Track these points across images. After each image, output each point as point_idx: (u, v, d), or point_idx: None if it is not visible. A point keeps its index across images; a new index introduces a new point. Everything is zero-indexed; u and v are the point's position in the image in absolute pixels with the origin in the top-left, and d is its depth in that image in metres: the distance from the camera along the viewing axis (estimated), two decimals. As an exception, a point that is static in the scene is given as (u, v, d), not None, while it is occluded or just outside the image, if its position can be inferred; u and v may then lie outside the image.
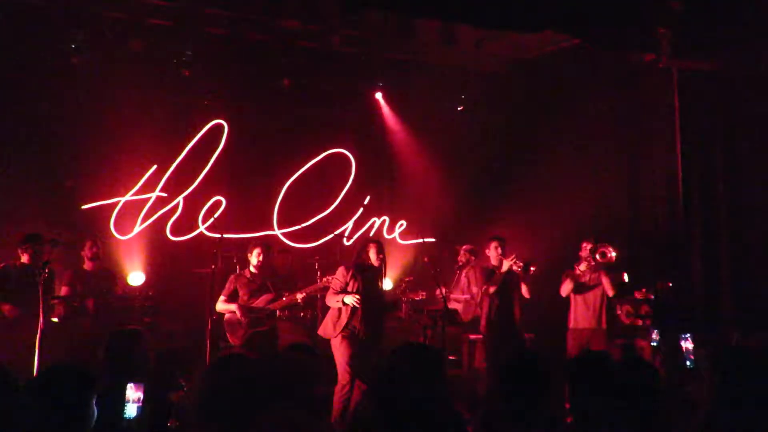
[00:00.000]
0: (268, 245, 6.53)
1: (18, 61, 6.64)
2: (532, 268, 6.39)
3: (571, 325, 6.79)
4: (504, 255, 6.50)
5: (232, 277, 6.22)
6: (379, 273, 5.81)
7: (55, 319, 5.59)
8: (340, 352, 5.49)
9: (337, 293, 5.62)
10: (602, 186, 8.50)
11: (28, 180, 6.74)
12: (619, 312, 7.27)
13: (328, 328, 5.63)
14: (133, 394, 2.58)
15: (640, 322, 7.17)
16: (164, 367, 5.30)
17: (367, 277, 5.71)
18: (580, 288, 6.73)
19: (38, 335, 4.85)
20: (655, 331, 6.91)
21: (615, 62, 7.91)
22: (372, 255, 5.75)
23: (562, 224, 8.00)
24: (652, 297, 7.32)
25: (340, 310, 5.59)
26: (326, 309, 5.97)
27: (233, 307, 6.08)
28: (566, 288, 6.73)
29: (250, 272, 6.24)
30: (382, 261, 5.78)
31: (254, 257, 6.18)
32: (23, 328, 5.18)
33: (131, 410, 2.57)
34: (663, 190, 8.04)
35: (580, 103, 8.28)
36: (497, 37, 7.77)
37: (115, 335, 3.26)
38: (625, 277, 7.48)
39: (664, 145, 7.95)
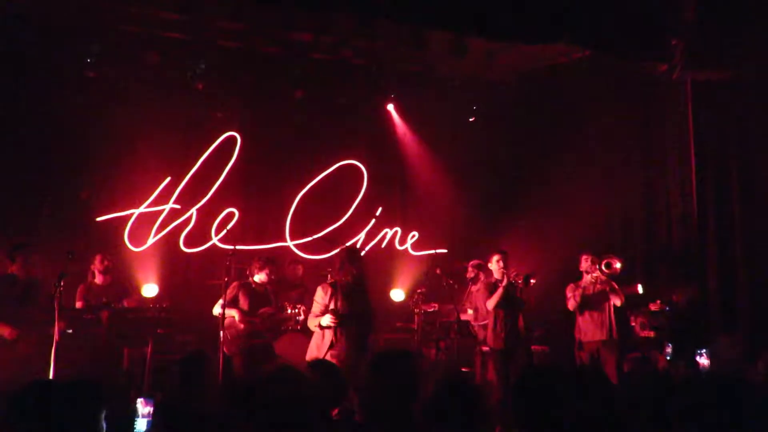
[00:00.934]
0: (272, 260, 6.62)
1: (34, 74, 6.72)
2: (532, 281, 6.38)
3: (580, 337, 6.74)
4: (506, 268, 6.47)
5: (235, 283, 6.28)
6: (358, 286, 5.43)
7: (69, 331, 5.59)
8: None
9: (316, 316, 5.34)
10: (614, 197, 8.46)
11: (43, 192, 6.81)
12: (633, 324, 7.21)
13: (313, 352, 5.35)
14: (143, 408, 2.59)
15: (654, 334, 7.11)
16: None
17: (346, 293, 5.35)
18: (586, 300, 6.67)
19: (53, 348, 4.90)
20: (670, 344, 6.88)
21: (627, 73, 7.88)
22: (346, 268, 5.41)
23: (575, 236, 7.94)
24: (667, 309, 7.27)
25: (324, 332, 5.31)
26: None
27: (234, 312, 6.13)
28: (572, 302, 6.70)
29: (255, 282, 6.30)
30: (358, 271, 5.40)
31: (263, 275, 6.33)
32: (21, 343, 5.21)
33: (141, 425, 2.58)
34: (677, 201, 7.99)
35: (592, 114, 8.25)
36: (509, 49, 7.77)
37: (187, 360, 3.23)
38: (640, 289, 7.43)
39: (677, 156, 7.91)
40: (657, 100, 8.13)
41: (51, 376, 4.62)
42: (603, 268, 6.64)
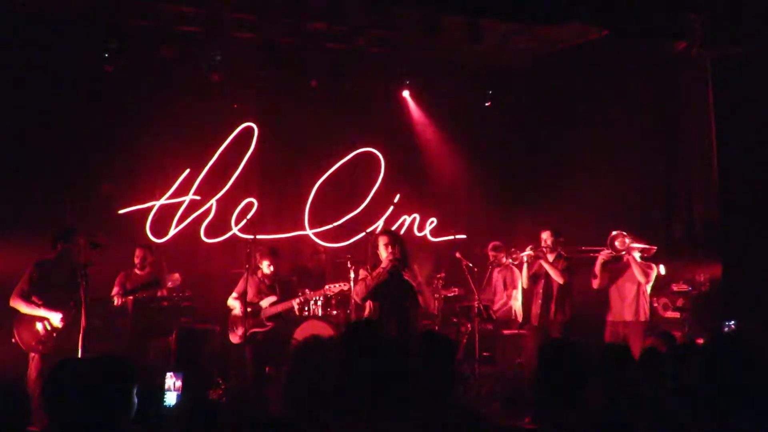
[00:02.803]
0: (275, 251, 6.68)
1: (53, 69, 6.81)
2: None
3: (608, 317, 6.66)
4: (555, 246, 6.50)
5: (245, 274, 6.35)
6: (397, 268, 5.44)
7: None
8: None
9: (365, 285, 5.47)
10: (634, 178, 8.38)
11: (66, 185, 6.90)
12: (656, 305, 7.14)
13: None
14: (172, 383, 2.63)
15: (678, 315, 7.04)
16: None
17: (387, 278, 5.42)
18: (612, 278, 6.55)
19: (81, 336, 4.98)
20: (688, 324, 6.81)
21: (644, 53, 7.80)
22: (381, 251, 5.49)
23: (594, 218, 7.90)
24: (690, 289, 7.19)
25: (365, 305, 5.53)
26: (359, 309, 6.01)
27: (237, 303, 6.29)
28: (595, 281, 6.57)
29: (263, 273, 6.42)
30: (399, 253, 5.43)
31: (265, 268, 6.43)
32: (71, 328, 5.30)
33: (171, 398, 2.63)
34: (698, 181, 7.90)
35: (609, 96, 8.17)
36: (523, 32, 7.72)
37: (186, 333, 3.29)
38: (662, 269, 7.36)
39: (697, 135, 7.82)
40: (675, 79, 8.03)
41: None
42: (616, 244, 6.46)
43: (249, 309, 6.16)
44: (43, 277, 5.34)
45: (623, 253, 6.40)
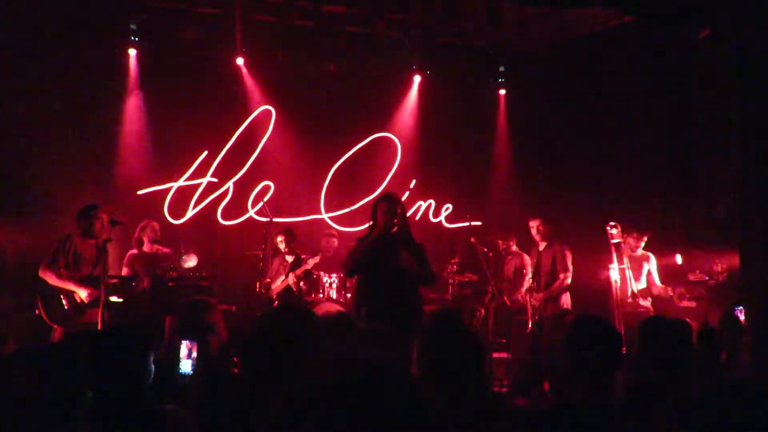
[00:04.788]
0: (290, 230, 6.97)
1: (74, 51, 6.87)
2: None
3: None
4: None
5: (274, 259, 6.71)
6: (395, 238, 4.60)
7: (116, 299, 5.73)
8: None
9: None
10: (652, 168, 8.31)
11: (85, 166, 6.99)
12: (671, 294, 7.10)
13: (352, 310, 4.90)
14: (187, 350, 2.68)
15: (694, 305, 6.99)
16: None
17: (378, 247, 4.59)
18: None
19: (99, 311, 5.07)
20: (705, 314, 6.76)
21: (667, 40, 7.69)
22: (379, 216, 4.61)
23: (610, 207, 7.86)
24: (707, 278, 7.14)
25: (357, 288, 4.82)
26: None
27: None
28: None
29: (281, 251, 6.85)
30: (397, 219, 4.55)
31: (279, 244, 6.79)
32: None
33: (186, 366, 2.67)
34: (718, 171, 7.81)
35: (629, 84, 8.09)
36: (542, 18, 7.65)
37: (190, 305, 3.35)
38: (678, 259, 7.32)
39: (719, 125, 7.72)
40: (699, 68, 7.93)
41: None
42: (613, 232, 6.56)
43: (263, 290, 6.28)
44: (70, 252, 5.42)
45: None
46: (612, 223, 6.61)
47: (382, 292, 4.57)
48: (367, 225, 4.82)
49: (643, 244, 6.85)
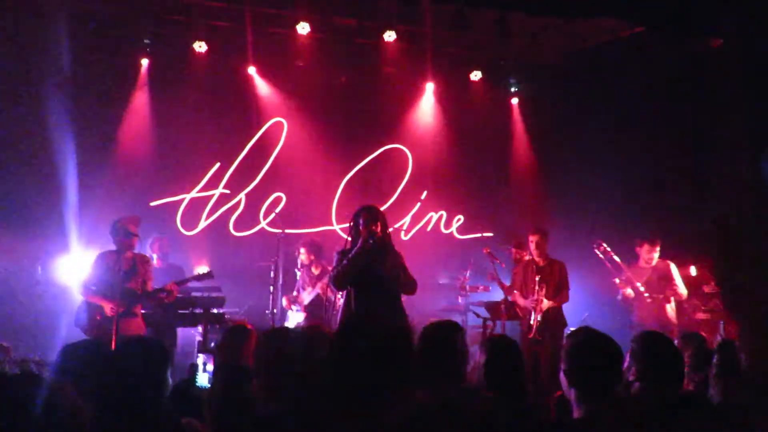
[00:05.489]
0: (314, 242, 6.90)
1: (86, 62, 6.94)
2: None
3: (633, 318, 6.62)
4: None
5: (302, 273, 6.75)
6: (376, 249, 4.59)
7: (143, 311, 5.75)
8: None
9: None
10: (664, 179, 8.27)
11: (98, 178, 7.04)
12: (686, 306, 7.04)
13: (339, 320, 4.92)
14: (204, 363, 2.68)
15: (708, 316, 6.93)
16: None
17: (362, 258, 4.57)
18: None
19: (114, 324, 5.11)
20: (722, 323, 6.70)
21: (678, 50, 7.68)
22: (359, 229, 4.63)
23: (623, 217, 7.81)
24: (721, 291, 7.07)
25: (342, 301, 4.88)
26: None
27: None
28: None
29: (306, 265, 6.75)
30: (381, 232, 4.57)
31: (302, 256, 6.77)
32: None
33: (203, 379, 2.67)
34: (730, 182, 7.75)
35: (640, 95, 8.06)
36: (554, 28, 7.66)
37: (231, 331, 3.36)
38: (693, 271, 7.26)
39: (730, 131, 7.67)
40: (712, 76, 7.89)
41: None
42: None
43: (289, 300, 6.35)
44: (98, 268, 5.52)
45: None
46: (597, 243, 6.59)
47: (369, 301, 4.60)
48: (348, 238, 4.79)
49: (656, 253, 6.69)
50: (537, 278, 6.35)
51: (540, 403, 3.45)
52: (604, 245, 6.59)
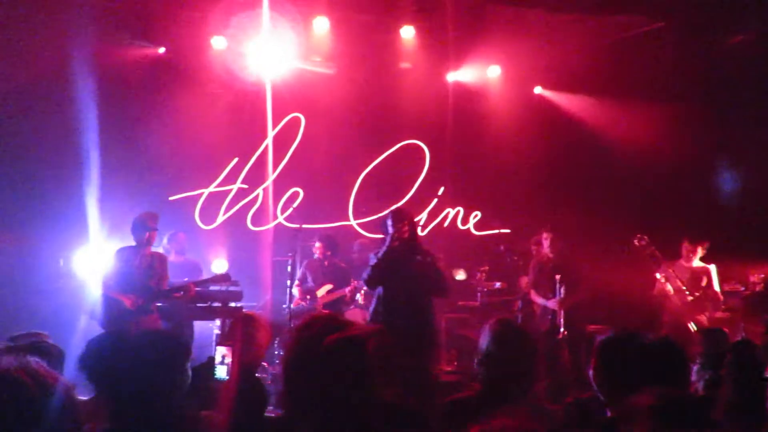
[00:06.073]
0: (329, 236, 6.94)
1: (107, 59, 7.01)
2: None
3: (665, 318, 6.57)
4: None
5: (305, 262, 6.45)
6: (405, 250, 4.70)
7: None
8: None
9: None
10: (685, 176, 8.18)
11: (118, 173, 7.11)
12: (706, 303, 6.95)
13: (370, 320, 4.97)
14: (222, 356, 2.71)
15: (728, 315, 6.84)
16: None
17: (392, 258, 4.67)
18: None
19: (132, 315, 5.17)
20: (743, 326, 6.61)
21: (701, 46, 7.58)
22: (389, 229, 4.74)
23: (647, 214, 7.75)
24: (742, 289, 6.99)
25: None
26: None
27: (296, 289, 6.56)
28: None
29: (318, 259, 6.74)
30: (408, 232, 4.68)
31: (316, 249, 6.76)
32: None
33: (221, 372, 2.70)
34: (756, 179, 7.66)
35: (661, 90, 7.97)
36: (574, 23, 7.59)
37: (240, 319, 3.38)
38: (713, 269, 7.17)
39: (753, 129, 7.57)
40: (734, 74, 7.78)
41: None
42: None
43: (308, 296, 6.31)
44: (117, 263, 5.59)
45: None
46: (639, 236, 6.53)
47: (394, 301, 4.68)
48: (381, 237, 4.96)
49: (698, 254, 6.55)
50: (557, 277, 6.29)
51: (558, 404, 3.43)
52: (646, 239, 6.51)
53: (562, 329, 6.20)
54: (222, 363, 2.70)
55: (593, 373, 2.37)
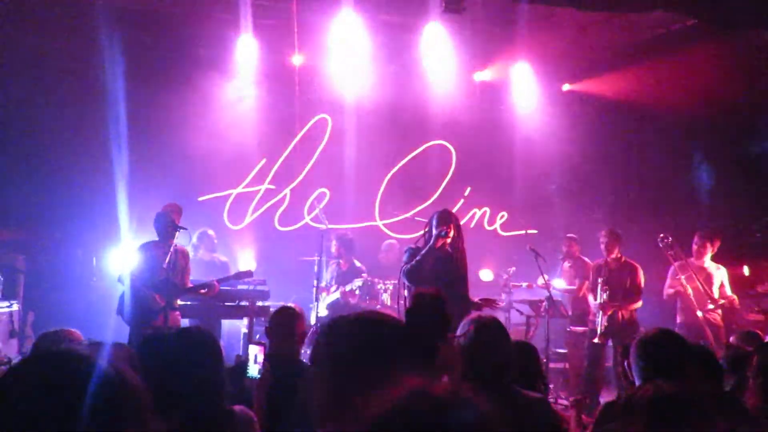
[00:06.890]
0: (344, 236, 6.97)
1: (139, 61, 7.12)
2: None
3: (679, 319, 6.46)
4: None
5: (331, 266, 6.55)
6: (448, 253, 4.76)
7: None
8: None
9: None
10: (717, 176, 8.04)
11: (151, 174, 7.21)
12: (738, 306, 6.82)
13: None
14: (254, 354, 2.73)
15: (762, 317, 6.71)
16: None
17: (435, 259, 4.70)
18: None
19: (162, 313, 5.24)
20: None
21: (731, 43, 7.44)
22: (434, 231, 4.76)
23: (673, 213, 7.64)
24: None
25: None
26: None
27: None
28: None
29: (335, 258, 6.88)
30: (448, 233, 4.70)
31: (332, 247, 6.84)
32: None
33: (253, 370, 2.72)
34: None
35: (689, 90, 7.84)
36: (602, 21, 7.51)
37: (279, 312, 3.40)
38: (746, 270, 7.05)
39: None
40: (759, 71, 7.62)
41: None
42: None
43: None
44: (142, 258, 5.56)
45: None
46: (661, 235, 6.44)
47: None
48: (421, 233, 4.95)
49: (708, 252, 6.42)
50: (600, 280, 6.22)
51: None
52: (670, 238, 6.41)
53: (599, 333, 6.11)
54: (255, 362, 2.71)
55: (632, 365, 2.38)
